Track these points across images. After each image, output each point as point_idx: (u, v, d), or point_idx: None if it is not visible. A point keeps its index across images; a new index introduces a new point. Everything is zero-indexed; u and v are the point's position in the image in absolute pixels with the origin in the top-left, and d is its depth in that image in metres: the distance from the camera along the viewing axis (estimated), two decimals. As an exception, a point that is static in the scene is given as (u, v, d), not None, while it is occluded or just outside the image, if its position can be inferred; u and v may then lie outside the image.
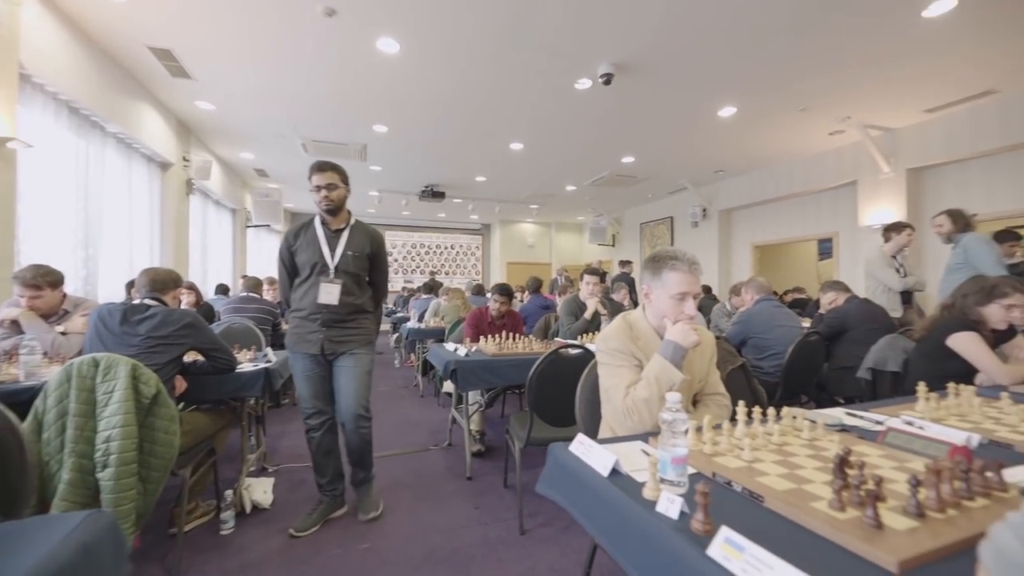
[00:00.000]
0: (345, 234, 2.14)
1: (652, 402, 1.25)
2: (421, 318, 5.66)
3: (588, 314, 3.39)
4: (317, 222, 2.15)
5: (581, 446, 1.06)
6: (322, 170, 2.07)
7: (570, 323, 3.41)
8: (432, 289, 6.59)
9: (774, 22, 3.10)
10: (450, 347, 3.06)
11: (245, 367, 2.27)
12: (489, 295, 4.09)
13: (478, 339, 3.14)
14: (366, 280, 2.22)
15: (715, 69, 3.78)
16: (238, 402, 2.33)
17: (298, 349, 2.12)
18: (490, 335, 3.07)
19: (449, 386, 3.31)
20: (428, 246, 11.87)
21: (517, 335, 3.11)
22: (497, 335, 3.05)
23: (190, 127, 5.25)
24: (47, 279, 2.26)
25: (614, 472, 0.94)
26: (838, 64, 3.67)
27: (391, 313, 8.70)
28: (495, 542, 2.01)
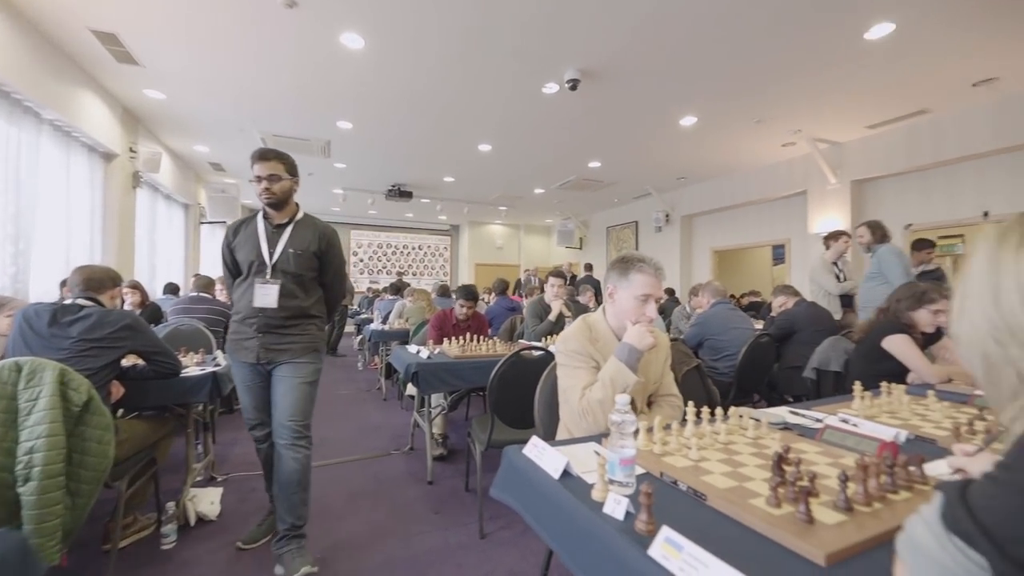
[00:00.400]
0: (288, 230, 1.91)
1: (607, 403, 1.27)
2: (385, 320, 5.56)
3: (553, 316, 3.42)
4: (260, 217, 1.96)
5: (535, 449, 1.06)
6: (264, 159, 1.85)
7: (535, 325, 3.43)
8: (398, 290, 6.50)
9: (731, 36, 3.23)
10: (413, 349, 3.01)
11: (192, 371, 2.16)
12: (454, 297, 4.06)
13: (441, 341, 3.11)
14: (314, 281, 1.98)
15: (677, 79, 3.90)
16: (184, 408, 2.21)
17: (236, 357, 1.91)
18: (454, 337, 3.05)
19: (412, 389, 3.26)
20: (395, 246, 11.68)
21: (481, 337, 3.09)
22: (461, 337, 3.02)
23: (138, 116, 4.94)
24: (-34, 276, 2.07)
25: (565, 474, 0.95)
26: (789, 79, 3.87)
27: (355, 314, 8.49)
28: (455, 547, 1.99)
